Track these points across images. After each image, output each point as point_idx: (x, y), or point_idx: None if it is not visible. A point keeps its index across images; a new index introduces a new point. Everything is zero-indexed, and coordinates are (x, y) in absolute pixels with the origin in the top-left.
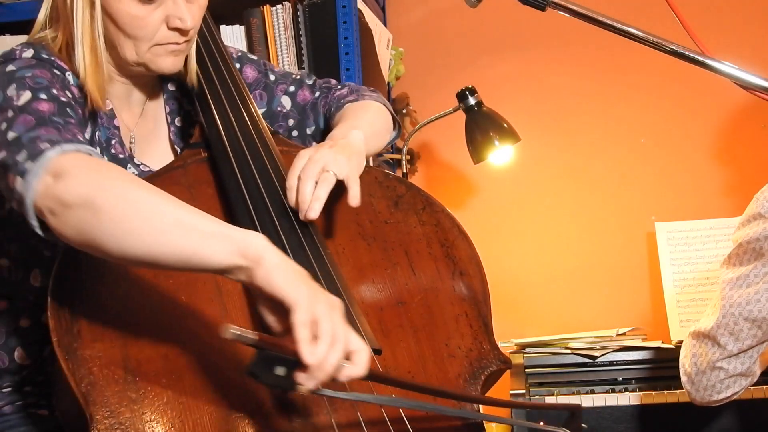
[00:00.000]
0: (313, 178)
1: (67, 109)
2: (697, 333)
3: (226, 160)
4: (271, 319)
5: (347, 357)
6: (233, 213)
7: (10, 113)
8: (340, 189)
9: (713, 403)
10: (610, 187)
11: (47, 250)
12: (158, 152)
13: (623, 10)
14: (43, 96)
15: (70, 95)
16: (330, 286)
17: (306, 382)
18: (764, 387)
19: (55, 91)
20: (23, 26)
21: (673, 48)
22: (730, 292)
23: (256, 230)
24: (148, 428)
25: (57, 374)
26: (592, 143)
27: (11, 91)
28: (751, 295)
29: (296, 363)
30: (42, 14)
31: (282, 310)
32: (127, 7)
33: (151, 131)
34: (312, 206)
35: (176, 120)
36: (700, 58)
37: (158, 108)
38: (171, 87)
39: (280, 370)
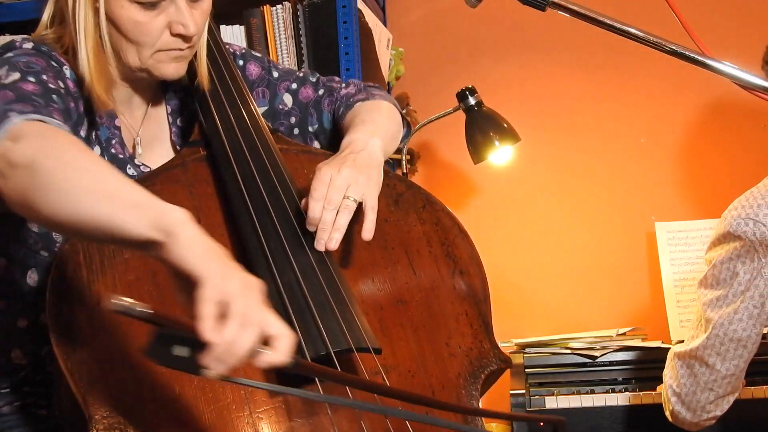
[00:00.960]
0: (335, 208)
1: (53, 96)
2: (683, 354)
3: (225, 158)
4: (189, 305)
5: (266, 342)
6: (232, 210)
7: None
8: None
9: (706, 422)
10: (610, 187)
11: (44, 251)
12: (161, 153)
13: (623, 10)
14: (31, 79)
15: (62, 86)
16: (329, 283)
17: (212, 365)
18: (764, 387)
19: (45, 77)
20: (23, 26)
21: (673, 48)
22: (712, 314)
23: (255, 228)
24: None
25: (56, 374)
26: (592, 143)
27: (2, 71)
28: (731, 315)
29: (201, 343)
30: (45, 15)
31: (195, 288)
32: (129, 13)
33: (154, 133)
34: (332, 237)
35: (178, 120)
36: (700, 58)
37: (160, 109)
38: (173, 87)
39: (181, 351)
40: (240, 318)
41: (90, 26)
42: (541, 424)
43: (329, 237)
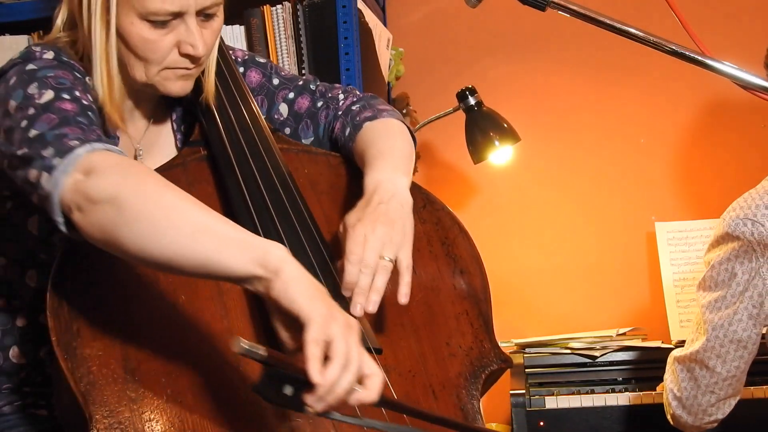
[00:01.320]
0: (372, 271)
1: (89, 113)
2: (683, 358)
3: (225, 157)
4: (284, 335)
5: (359, 381)
6: (233, 210)
7: (32, 111)
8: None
9: (707, 426)
10: (610, 187)
11: (44, 253)
12: (163, 161)
13: (623, 10)
14: (66, 96)
15: (91, 99)
16: (329, 283)
17: (315, 404)
18: (764, 387)
19: (77, 92)
20: (23, 26)
21: (673, 48)
22: (711, 316)
23: (255, 227)
24: (148, 427)
25: (56, 374)
26: (592, 143)
27: (32, 89)
28: (731, 316)
29: (305, 383)
30: (59, 19)
31: (296, 326)
32: (139, 30)
33: (156, 142)
34: (370, 299)
35: (182, 127)
36: (700, 58)
37: (164, 118)
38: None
39: (288, 390)
40: (342, 360)
41: (102, 43)
42: (541, 424)
43: (367, 300)
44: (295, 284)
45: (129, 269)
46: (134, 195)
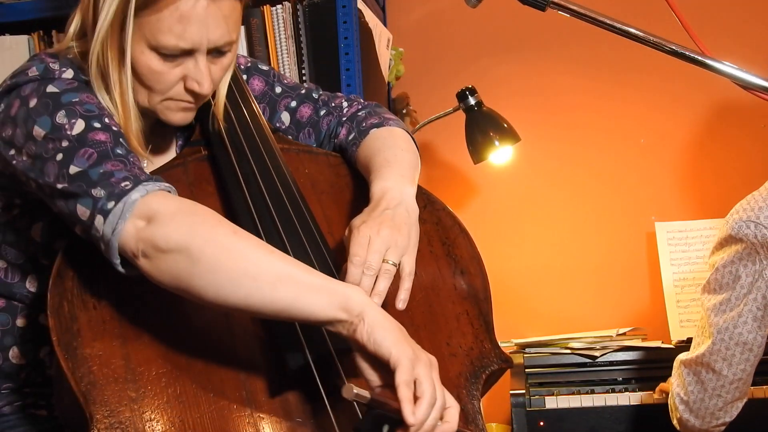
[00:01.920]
0: (374, 273)
1: (120, 140)
2: (689, 361)
3: (226, 157)
4: (369, 374)
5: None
6: (234, 211)
7: (65, 143)
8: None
9: (715, 429)
10: (610, 187)
11: (45, 259)
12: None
13: (623, 10)
14: (96, 125)
15: (116, 122)
16: None
17: None
18: (764, 387)
19: (107, 119)
20: (23, 26)
21: (673, 48)
22: (716, 319)
23: (256, 227)
24: (148, 427)
25: (57, 374)
26: (592, 143)
27: (61, 118)
28: (736, 318)
29: (398, 422)
30: (72, 28)
31: (382, 365)
32: (148, 60)
33: (159, 152)
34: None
35: (184, 131)
36: (700, 58)
37: (169, 134)
38: None
39: (385, 429)
40: (430, 399)
41: (117, 74)
42: (541, 424)
43: None
44: (379, 328)
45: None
46: (207, 245)
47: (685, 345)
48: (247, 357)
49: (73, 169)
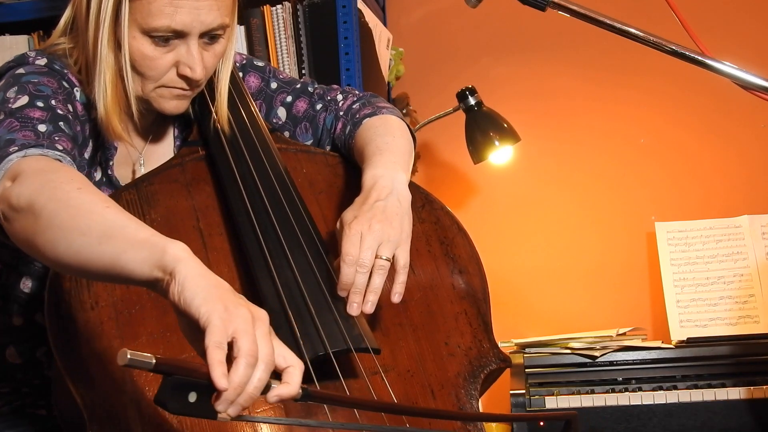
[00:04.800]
0: (368, 270)
1: (60, 122)
2: None
3: (223, 157)
4: (196, 345)
5: (280, 376)
6: (230, 210)
7: (1, 115)
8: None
9: None
10: (610, 187)
11: (39, 262)
12: None
13: (623, 10)
14: (39, 104)
15: (71, 109)
16: (327, 282)
17: (225, 409)
18: (764, 387)
19: (54, 101)
20: (23, 26)
21: (673, 48)
22: None
23: (254, 227)
24: (147, 428)
25: (55, 374)
26: (592, 143)
27: (11, 93)
28: None
29: (210, 388)
30: (62, 22)
31: (200, 329)
32: (140, 45)
33: (157, 151)
34: (367, 300)
35: (183, 134)
36: (700, 58)
37: (166, 129)
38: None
39: (192, 397)
40: (247, 357)
41: (111, 59)
42: (541, 424)
43: (365, 300)
44: (190, 285)
45: None
46: (49, 201)
47: (685, 345)
48: None
49: None
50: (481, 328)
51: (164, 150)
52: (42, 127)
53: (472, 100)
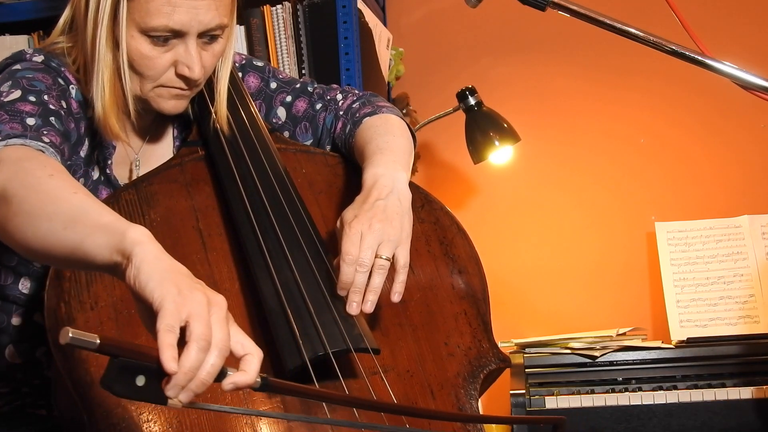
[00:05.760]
0: (367, 270)
1: (51, 118)
2: None
3: (223, 157)
4: (150, 327)
5: (238, 363)
6: (230, 210)
7: None
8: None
9: None
10: (610, 187)
11: (37, 263)
12: None
13: (623, 10)
14: (31, 98)
15: (65, 106)
16: (326, 282)
17: (175, 394)
18: (764, 387)
19: (47, 97)
20: (23, 26)
21: (673, 48)
22: None
23: (253, 227)
24: (146, 428)
25: (54, 374)
26: (592, 143)
27: (5, 87)
28: None
29: (160, 372)
30: (62, 21)
31: (154, 313)
32: (138, 44)
33: (155, 152)
34: (367, 299)
35: (182, 135)
36: (700, 58)
37: (165, 130)
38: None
39: (140, 381)
40: (199, 341)
41: (109, 58)
42: (541, 424)
43: (364, 300)
44: (145, 268)
45: None
46: (20, 188)
47: (685, 345)
48: None
49: None
50: (480, 328)
51: (163, 150)
52: (30, 121)
53: (472, 100)
